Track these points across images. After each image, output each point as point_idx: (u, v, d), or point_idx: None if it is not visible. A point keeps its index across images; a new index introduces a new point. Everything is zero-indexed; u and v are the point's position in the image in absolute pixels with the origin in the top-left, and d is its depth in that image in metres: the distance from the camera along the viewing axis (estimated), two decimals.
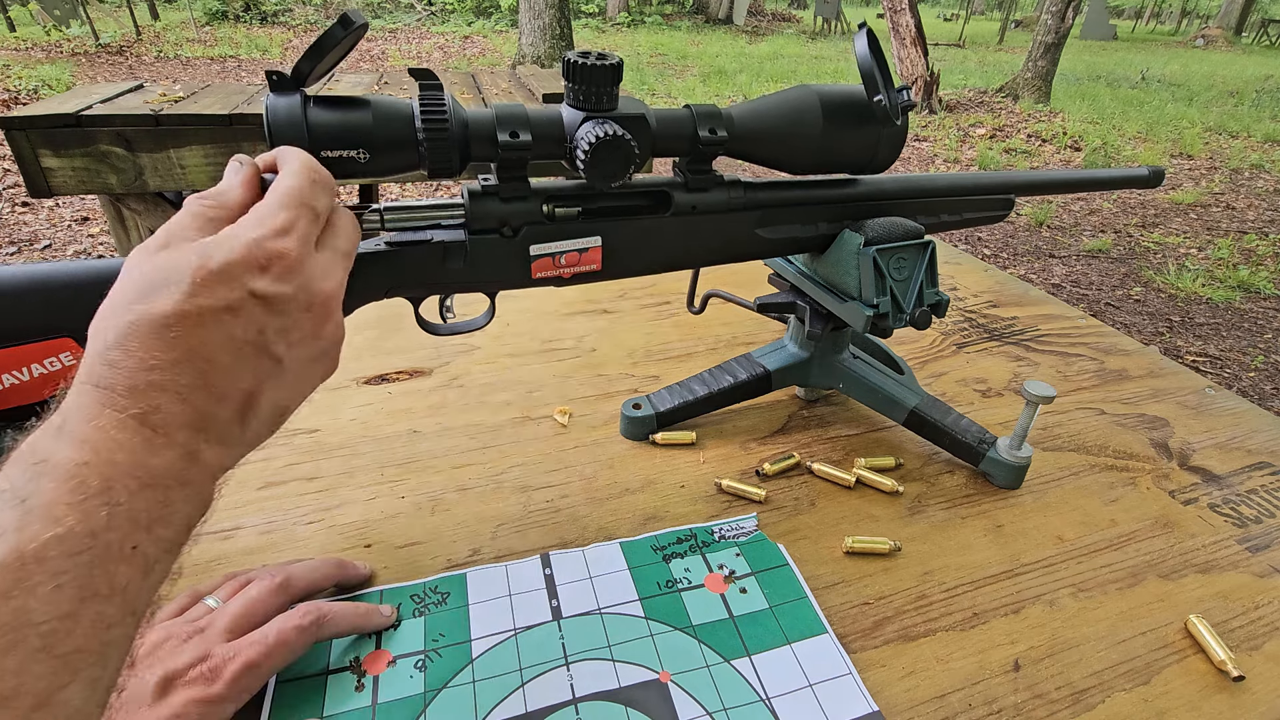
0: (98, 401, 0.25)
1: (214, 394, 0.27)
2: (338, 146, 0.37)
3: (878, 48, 0.45)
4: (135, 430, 0.25)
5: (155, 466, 0.25)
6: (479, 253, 0.43)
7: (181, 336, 0.26)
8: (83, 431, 0.24)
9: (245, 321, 0.28)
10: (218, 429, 0.28)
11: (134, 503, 0.24)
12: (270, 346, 0.29)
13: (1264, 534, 0.57)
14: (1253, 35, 18.17)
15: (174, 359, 0.26)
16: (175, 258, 0.27)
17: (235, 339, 0.27)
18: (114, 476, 0.24)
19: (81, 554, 0.22)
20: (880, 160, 0.51)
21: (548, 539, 0.53)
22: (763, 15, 15.37)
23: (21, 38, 7.61)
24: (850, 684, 0.43)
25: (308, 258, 0.30)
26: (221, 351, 0.27)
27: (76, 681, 0.22)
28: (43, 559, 0.21)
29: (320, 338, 0.31)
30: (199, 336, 0.26)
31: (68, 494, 0.23)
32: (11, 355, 0.33)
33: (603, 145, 0.41)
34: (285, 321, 0.29)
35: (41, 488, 0.22)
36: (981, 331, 0.88)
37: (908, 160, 4.93)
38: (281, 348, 0.29)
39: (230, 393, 0.28)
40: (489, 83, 2.40)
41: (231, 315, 0.27)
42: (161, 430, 0.25)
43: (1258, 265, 3.37)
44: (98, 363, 0.26)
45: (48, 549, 0.21)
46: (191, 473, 0.26)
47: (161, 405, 0.26)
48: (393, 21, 10.98)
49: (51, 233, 2.99)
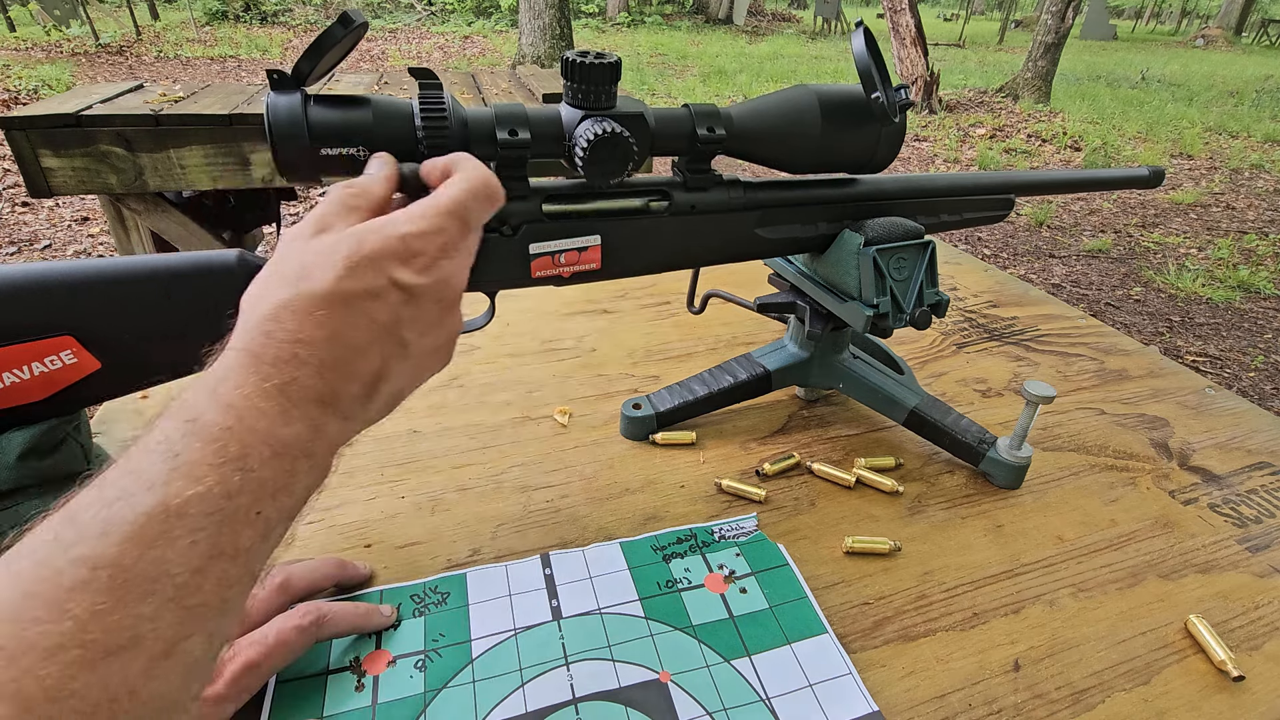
0: (246, 368, 0.26)
1: (346, 372, 0.29)
2: (338, 144, 0.37)
3: (875, 46, 0.45)
4: (275, 400, 0.26)
5: (285, 436, 0.26)
6: (479, 251, 0.43)
7: (329, 315, 0.28)
8: (230, 396, 0.26)
9: (383, 306, 0.29)
10: (343, 406, 0.29)
11: (264, 470, 0.25)
12: (401, 333, 0.31)
13: (1264, 534, 0.57)
14: (1253, 35, 18.17)
15: (319, 336, 0.28)
16: (332, 241, 0.29)
17: (374, 322, 0.29)
18: (251, 444, 0.25)
19: (215, 514, 0.23)
20: (879, 159, 0.51)
21: (548, 539, 0.53)
22: (763, 15, 15.37)
23: (21, 38, 7.61)
24: (850, 684, 0.43)
25: (447, 259, 0.32)
26: (358, 332, 0.29)
27: (199, 634, 0.23)
28: (184, 515, 0.23)
29: (443, 327, 0.33)
30: (343, 316, 0.28)
31: (211, 455, 0.24)
32: (12, 353, 0.33)
33: (601, 143, 0.41)
34: (417, 311, 0.31)
35: (190, 446, 0.24)
36: (981, 331, 0.88)
37: (908, 160, 4.93)
38: (411, 335, 0.31)
39: (360, 372, 0.29)
40: (489, 83, 2.40)
41: (374, 299, 0.29)
42: (296, 402, 0.27)
43: (1258, 265, 3.37)
44: (255, 331, 0.27)
45: (189, 506, 0.23)
46: (316, 445, 0.28)
47: (300, 379, 0.27)
48: (393, 21, 10.99)
49: (51, 233, 2.99)
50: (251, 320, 0.28)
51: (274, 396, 0.26)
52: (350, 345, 0.29)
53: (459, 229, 0.33)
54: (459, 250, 0.33)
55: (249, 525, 0.25)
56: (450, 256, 0.32)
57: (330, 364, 0.28)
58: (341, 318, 0.28)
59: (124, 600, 0.21)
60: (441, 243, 0.32)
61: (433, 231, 0.31)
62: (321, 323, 0.28)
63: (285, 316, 0.27)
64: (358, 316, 0.29)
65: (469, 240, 0.34)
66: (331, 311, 0.28)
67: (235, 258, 0.38)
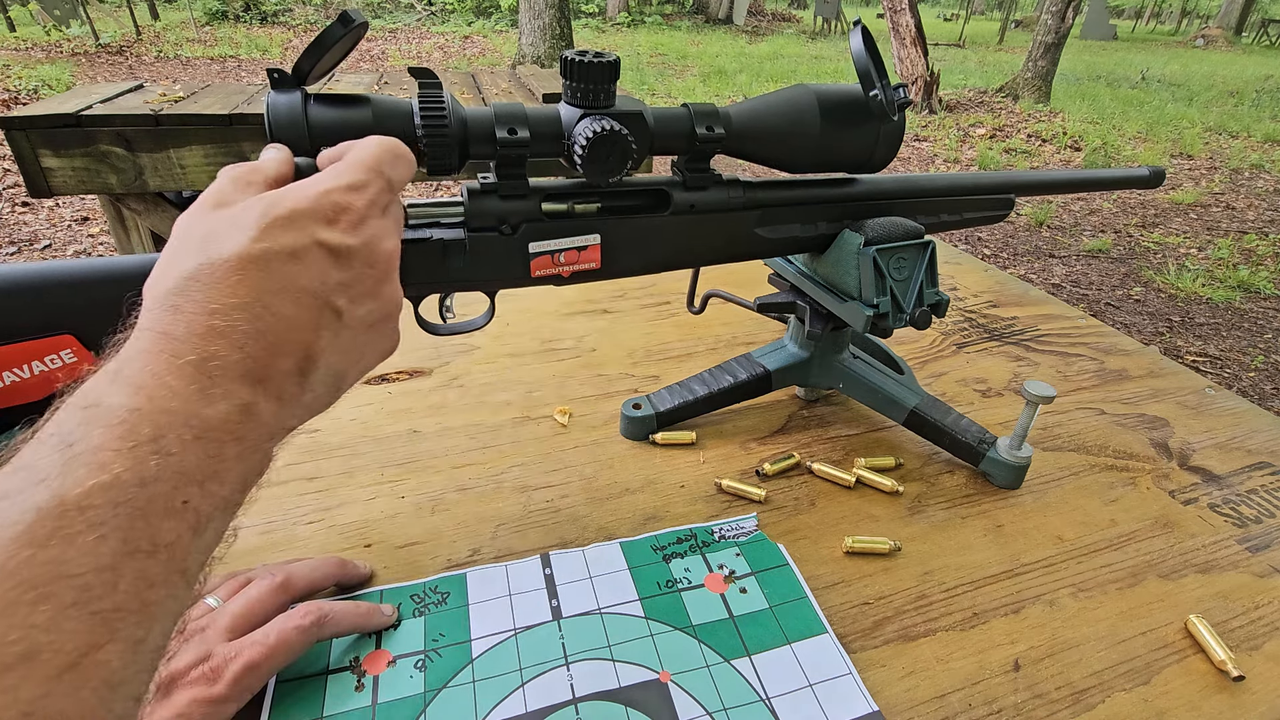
0: (155, 346, 0.24)
1: (272, 344, 0.26)
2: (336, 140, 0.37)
3: (873, 45, 0.45)
4: (191, 378, 0.24)
5: (209, 417, 0.24)
6: (478, 250, 0.44)
7: (244, 280, 0.26)
8: (138, 378, 0.23)
9: (308, 269, 0.27)
10: (275, 383, 0.27)
11: (186, 455, 0.23)
12: (331, 298, 0.28)
13: (1264, 534, 0.57)
14: (1253, 35, 18.17)
15: (235, 304, 0.25)
16: (238, 209, 0.28)
17: (298, 286, 0.27)
18: (166, 425, 0.23)
19: (126, 504, 0.21)
20: (878, 159, 0.51)
21: (548, 539, 0.53)
22: (763, 15, 15.37)
23: (21, 38, 7.61)
24: (850, 684, 0.43)
25: (373, 217, 0.30)
26: (283, 299, 0.27)
27: (115, 642, 0.20)
28: (85, 507, 0.20)
29: (379, 298, 0.31)
30: (262, 281, 0.26)
31: (116, 440, 0.22)
32: (12, 352, 0.33)
33: (600, 140, 0.41)
34: (347, 275, 0.29)
35: (90, 434, 0.22)
36: (981, 331, 0.88)
37: (908, 160, 4.93)
38: (343, 301, 0.29)
39: (289, 345, 0.27)
40: (489, 83, 2.40)
41: (296, 261, 0.27)
42: (218, 379, 0.25)
43: (1258, 265, 3.37)
44: (158, 308, 0.25)
45: (91, 497, 0.20)
46: (246, 428, 0.25)
47: (218, 352, 0.25)
48: (393, 21, 10.98)
49: (51, 233, 2.99)
50: (156, 297, 0.26)
51: (189, 373, 0.24)
52: (272, 313, 0.26)
53: (382, 185, 0.31)
54: (386, 211, 0.31)
55: (171, 516, 0.22)
56: (376, 215, 0.30)
57: (251, 335, 0.26)
58: (259, 281, 0.26)
59: (11, 609, 0.18)
60: (368, 198, 0.30)
61: (357, 185, 0.30)
62: (235, 289, 0.25)
63: (193, 288, 0.25)
64: (278, 280, 0.26)
65: (394, 204, 0.32)
66: (246, 275, 0.26)
67: None
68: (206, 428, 0.24)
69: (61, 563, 0.20)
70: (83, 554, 0.20)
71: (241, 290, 0.26)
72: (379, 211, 0.31)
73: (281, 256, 0.27)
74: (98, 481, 0.21)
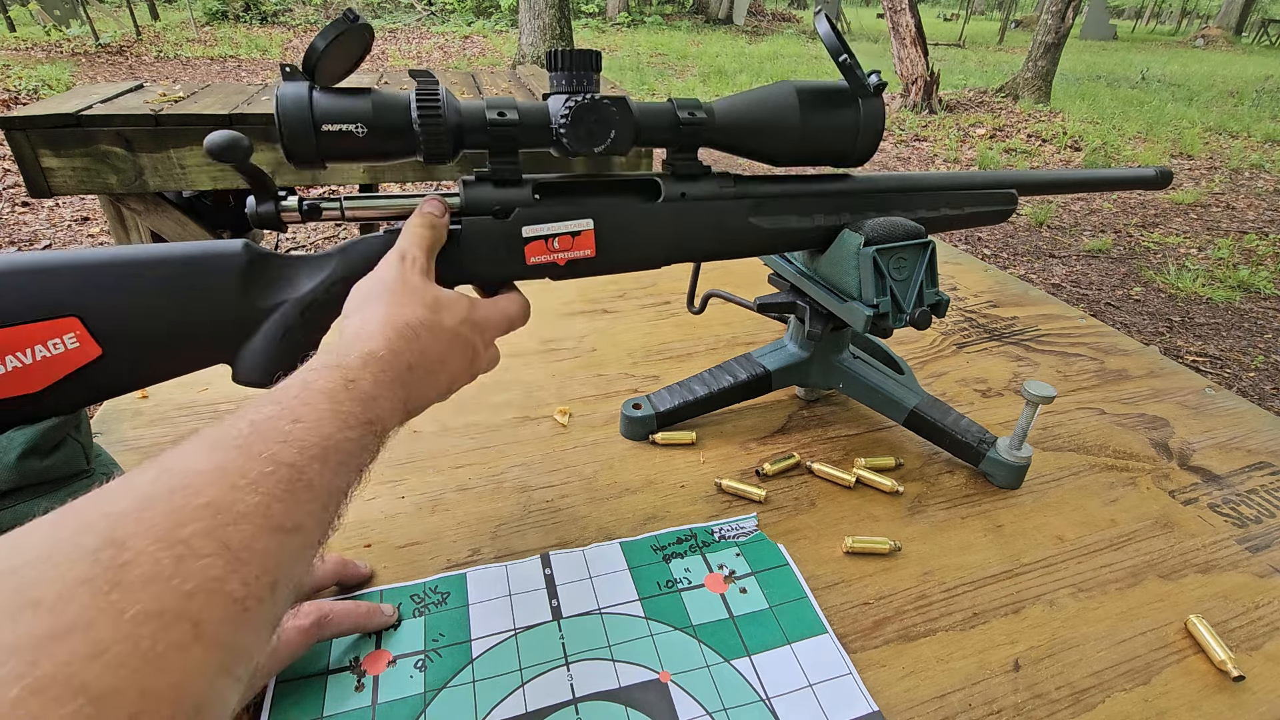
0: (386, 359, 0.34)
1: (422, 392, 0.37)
2: (337, 122, 0.39)
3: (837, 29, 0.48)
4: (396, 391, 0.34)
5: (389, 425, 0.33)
6: (473, 238, 0.44)
7: (436, 342, 0.37)
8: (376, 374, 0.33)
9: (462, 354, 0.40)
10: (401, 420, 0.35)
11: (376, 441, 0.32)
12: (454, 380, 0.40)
13: (1264, 534, 0.57)
14: (1253, 35, 18.17)
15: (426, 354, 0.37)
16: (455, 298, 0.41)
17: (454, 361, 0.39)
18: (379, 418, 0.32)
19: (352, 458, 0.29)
20: (861, 149, 0.52)
21: (548, 539, 0.53)
22: (763, 15, 15.36)
23: (21, 38, 7.60)
24: (850, 684, 0.43)
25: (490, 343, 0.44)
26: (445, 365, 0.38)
27: (320, 545, 0.28)
28: (339, 449, 0.29)
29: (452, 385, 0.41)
30: (446, 350, 0.38)
31: (360, 412, 0.31)
32: (17, 334, 0.33)
33: (582, 108, 0.43)
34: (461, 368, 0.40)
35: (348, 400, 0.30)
36: (981, 331, 0.88)
37: (908, 160, 4.93)
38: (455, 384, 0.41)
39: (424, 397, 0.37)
40: (489, 83, 2.41)
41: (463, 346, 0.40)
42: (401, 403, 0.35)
43: (1258, 265, 3.37)
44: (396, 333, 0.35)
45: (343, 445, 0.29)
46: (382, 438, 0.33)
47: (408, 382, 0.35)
48: (393, 21, 10.98)
49: (51, 233, 2.99)
50: (395, 321, 0.36)
51: (397, 391, 0.34)
52: (443, 370, 0.38)
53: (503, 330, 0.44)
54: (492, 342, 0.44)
55: (358, 478, 0.30)
56: (491, 342, 0.43)
57: (423, 382, 0.36)
58: (452, 352, 0.38)
59: (295, 495, 0.26)
60: (498, 334, 0.44)
61: (502, 326, 0.44)
62: (431, 345, 0.37)
63: (423, 332, 0.36)
64: (455, 354, 0.39)
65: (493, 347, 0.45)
66: (451, 343, 0.38)
67: (241, 246, 0.40)
68: (387, 428, 0.33)
69: (322, 476, 0.27)
70: (330, 477, 0.28)
71: (442, 352, 0.38)
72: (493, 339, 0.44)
73: (465, 343, 0.40)
74: (346, 436, 0.29)
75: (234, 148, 0.36)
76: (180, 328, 0.38)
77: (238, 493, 0.24)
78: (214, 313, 0.38)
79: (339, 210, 0.42)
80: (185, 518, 0.22)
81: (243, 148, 0.37)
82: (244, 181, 0.39)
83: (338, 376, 0.31)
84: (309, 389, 0.30)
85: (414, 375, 0.35)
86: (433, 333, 0.37)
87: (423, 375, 0.36)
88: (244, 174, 0.39)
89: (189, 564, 0.21)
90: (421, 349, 0.36)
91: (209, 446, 0.25)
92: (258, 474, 0.25)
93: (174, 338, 0.38)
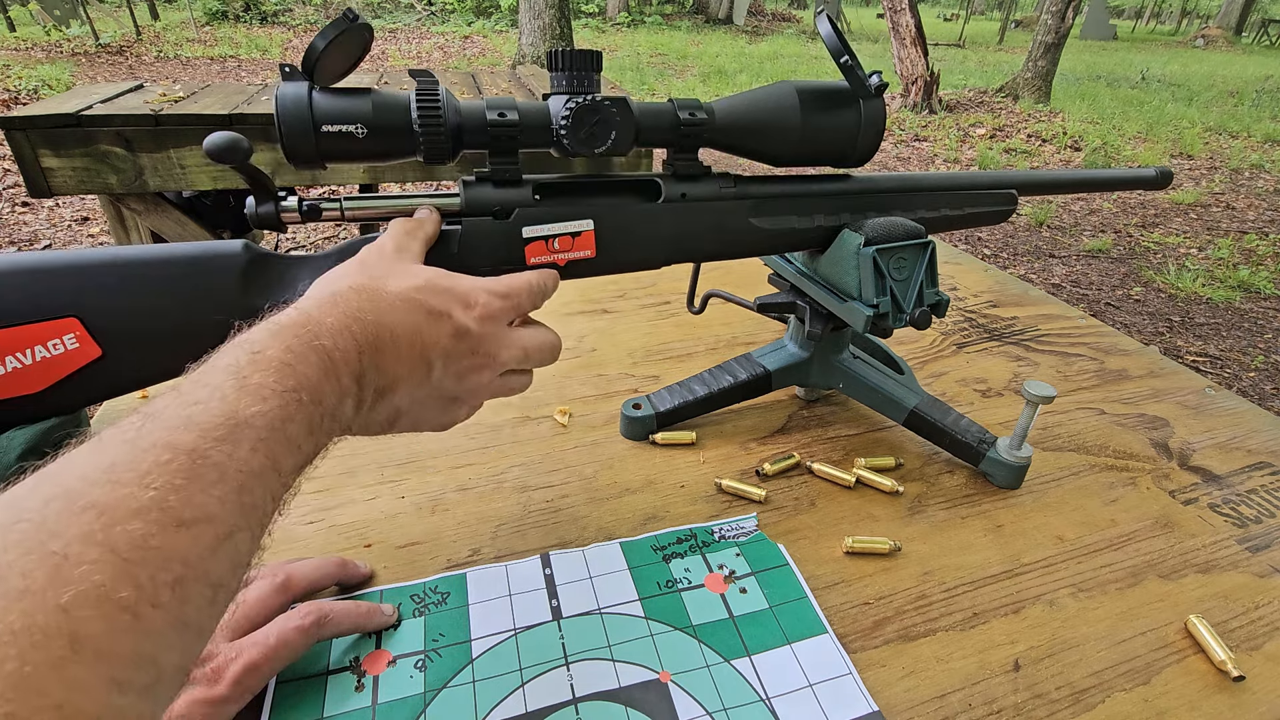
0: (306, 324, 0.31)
1: (377, 361, 0.33)
2: (337, 122, 0.39)
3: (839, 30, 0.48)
4: (321, 357, 0.30)
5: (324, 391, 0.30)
6: (473, 237, 0.44)
7: (392, 310, 0.34)
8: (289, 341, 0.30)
9: (433, 327, 0.36)
10: (363, 391, 0.33)
11: (305, 410, 0.29)
12: (431, 357, 0.36)
13: (1264, 534, 0.57)
14: (1253, 35, 18.17)
15: (373, 320, 0.33)
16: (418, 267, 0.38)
17: (419, 333, 0.35)
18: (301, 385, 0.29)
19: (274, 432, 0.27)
20: (861, 149, 0.52)
21: (548, 539, 0.53)
22: (763, 15, 15.36)
23: (21, 38, 7.61)
24: (850, 684, 0.43)
25: (499, 320, 0.39)
26: (405, 336, 0.34)
27: (247, 530, 0.25)
28: (250, 425, 0.26)
29: (464, 380, 0.38)
30: (402, 317, 0.34)
31: (273, 382, 0.28)
32: (17, 335, 0.33)
33: (583, 108, 0.42)
34: (453, 348, 0.37)
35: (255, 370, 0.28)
36: (981, 331, 0.88)
37: (908, 160, 4.93)
38: (438, 364, 0.36)
39: (386, 369, 0.34)
40: (489, 83, 2.41)
41: (430, 318, 0.36)
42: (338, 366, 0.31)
43: (1258, 265, 3.37)
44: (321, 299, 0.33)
45: (255, 419, 0.27)
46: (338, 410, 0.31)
47: (345, 348, 0.31)
48: (393, 21, 10.98)
49: (51, 233, 2.99)
50: (322, 291, 0.34)
51: (321, 355, 0.30)
52: (393, 341, 0.34)
53: (515, 304, 0.40)
54: (504, 324, 0.40)
55: (291, 454, 0.28)
56: (500, 321, 0.39)
57: (369, 347, 0.32)
58: (400, 317, 0.34)
59: (197, 481, 0.24)
60: (498, 307, 0.39)
61: (499, 293, 0.39)
62: (382, 312, 0.33)
63: (352, 296, 0.33)
64: (411, 322, 0.35)
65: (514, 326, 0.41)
66: (394, 308, 0.34)
67: (241, 247, 0.40)
68: (319, 397, 0.30)
69: (232, 458, 0.25)
70: (244, 457, 0.26)
71: (385, 316, 0.34)
72: (504, 322, 0.39)
73: (423, 309, 0.35)
74: (258, 409, 0.27)
75: (234, 149, 0.36)
76: (180, 328, 0.38)
77: (125, 489, 0.22)
78: (214, 313, 0.39)
79: (339, 210, 0.42)
80: (61, 526, 0.21)
81: (242, 149, 0.37)
82: (244, 182, 0.39)
83: (242, 351, 0.29)
84: (211, 369, 0.28)
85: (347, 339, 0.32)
86: (370, 296, 0.34)
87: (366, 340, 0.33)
88: (244, 175, 0.38)
89: (65, 573, 0.20)
90: (352, 311, 0.33)
91: (93, 448, 0.24)
92: (151, 465, 0.23)
93: (174, 338, 0.38)
